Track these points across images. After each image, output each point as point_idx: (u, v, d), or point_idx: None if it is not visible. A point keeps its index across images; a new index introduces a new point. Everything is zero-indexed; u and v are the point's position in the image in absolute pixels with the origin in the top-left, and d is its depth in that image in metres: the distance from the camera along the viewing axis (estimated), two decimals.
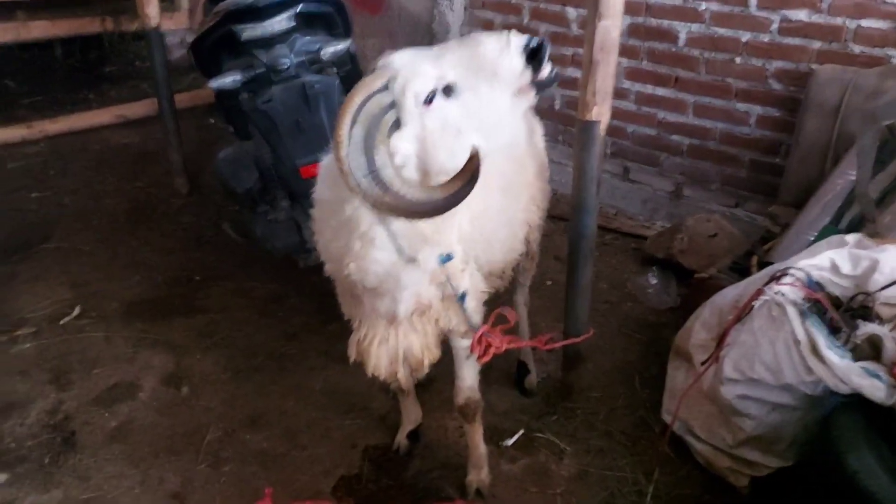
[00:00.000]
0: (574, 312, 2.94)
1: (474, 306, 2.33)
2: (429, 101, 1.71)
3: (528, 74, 1.77)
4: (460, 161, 1.71)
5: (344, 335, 2.35)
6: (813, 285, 2.28)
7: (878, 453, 1.96)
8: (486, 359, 2.24)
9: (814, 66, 3.92)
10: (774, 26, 4.03)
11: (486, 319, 2.32)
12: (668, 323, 3.60)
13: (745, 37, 4.14)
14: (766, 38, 4.07)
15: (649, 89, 4.62)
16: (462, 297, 2.21)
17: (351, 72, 3.64)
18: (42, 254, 4.15)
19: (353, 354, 2.34)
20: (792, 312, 2.21)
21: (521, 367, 3.20)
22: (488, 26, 5.28)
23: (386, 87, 1.69)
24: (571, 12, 4.83)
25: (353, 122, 1.65)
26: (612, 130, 4.71)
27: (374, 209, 1.72)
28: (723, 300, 2.78)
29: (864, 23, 3.73)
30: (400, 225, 1.86)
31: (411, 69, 1.69)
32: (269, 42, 3.23)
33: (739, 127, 4.29)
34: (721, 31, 4.23)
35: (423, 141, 1.74)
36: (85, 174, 5.17)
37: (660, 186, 4.76)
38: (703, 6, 4.26)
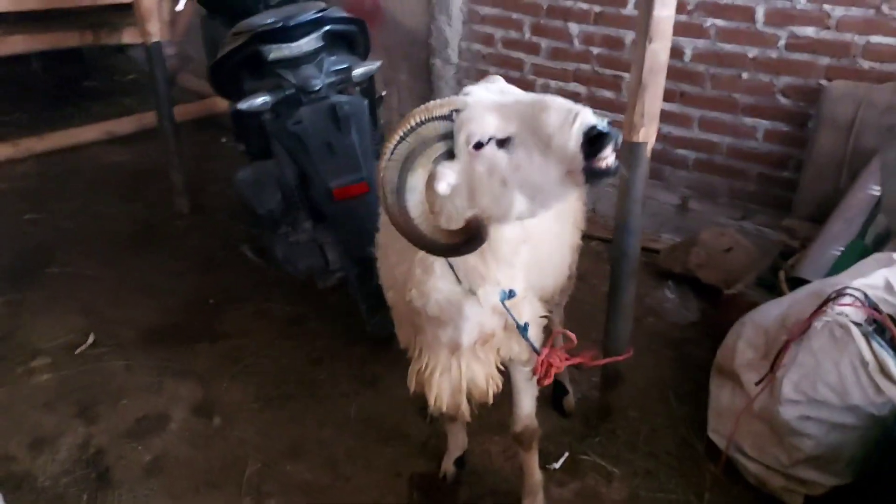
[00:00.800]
0: (616, 331, 2.94)
1: (535, 333, 2.31)
2: (480, 145, 1.67)
3: (579, 160, 1.58)
4: (504, 211, 1.72)
5: (370, 359, 2.33)
6: (873, 305, 2.31)
7: None
8: (549, 381, 2.23)
9: (823, 81, 4.00)
10: (782, 42, 4.09)
11: (543, 342, 2.32)
12: (692, 339, 3.62)
13: (752, 52, 4.20)
14: (773, 53, 4.14)
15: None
16: (525, 328, 2.19)
17: (368, 89, 3.61)
18: (47, 279, 4.03)
19: (412, 385, 2.31)
20: (857, 333, 2.24)
21: (557, 388, 3.19)
22: (488, 41, 5.28)
23: (449, 118, 1.68)
24: (574, 28, 4.85)
25: (403, 137, 1.65)
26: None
27: (398, 229, 1.73)
28: (765, 318, 2.80)
29: (874, 39, 3.82)
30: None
31: (478, 112, 1.66)
32: (296, 62, 3.18)
33: (747, 141, 4.35)
34: (727, 46, 4.29)
35: (469, 179, 1.72)
36: (80, 195, 5.03)
37: (666, 200, 4.80)
38: (709, 22, 4.31)
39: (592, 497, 2.74)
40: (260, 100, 3.10)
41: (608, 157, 1.57)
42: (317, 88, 3.13)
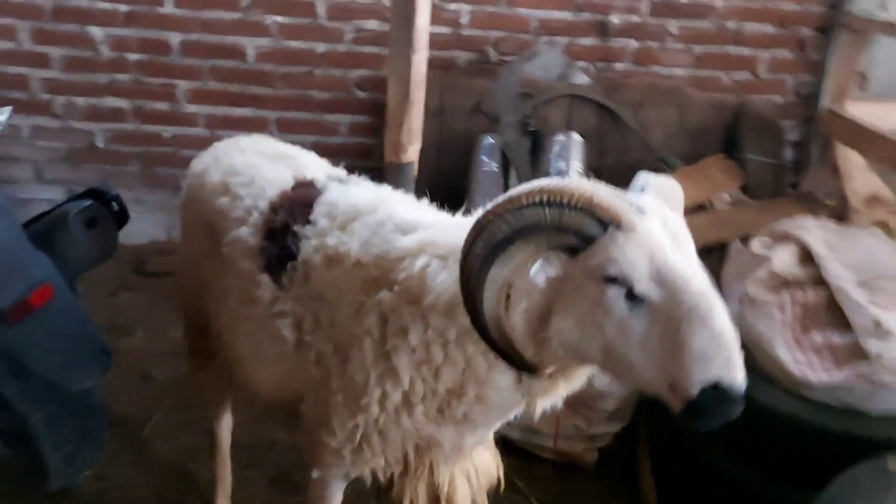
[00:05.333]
0: None
1: None
2: (610, 280, 1.31)
3: (689, 395, 1.25)
4: (576, 349, 1.39)
5: None
6: None
7: None
8: None
9: None
10: (349, 36, 4.14)
11: None
12: None
13: (321, 48, 4.16)
14: (342, 48, 4.16)
15: (222, 111, 4.25)
16: None
17: None
18: None
19: None
20: None
21: None
22: None
23: (604, 225, 1.30)
24: (97, 32, 4.04)
25: (545, 204, 1.28)
26: (186, 161, 4.20)
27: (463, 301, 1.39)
28: None
29: (433, 29, 4.14)
30: None
31: (639, 248, 1.28)
32: None
33: (332, 138, 4.32)
34: (294, 43, 4.14)
35: (565, 295, 1.37)
36: None
37: None
38: (270, 20, 4.08)
39: None
40: None
41: (708, 421, 1.28)
42: None
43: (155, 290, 3.96)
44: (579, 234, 1.31)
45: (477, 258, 1.33)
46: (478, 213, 1.40)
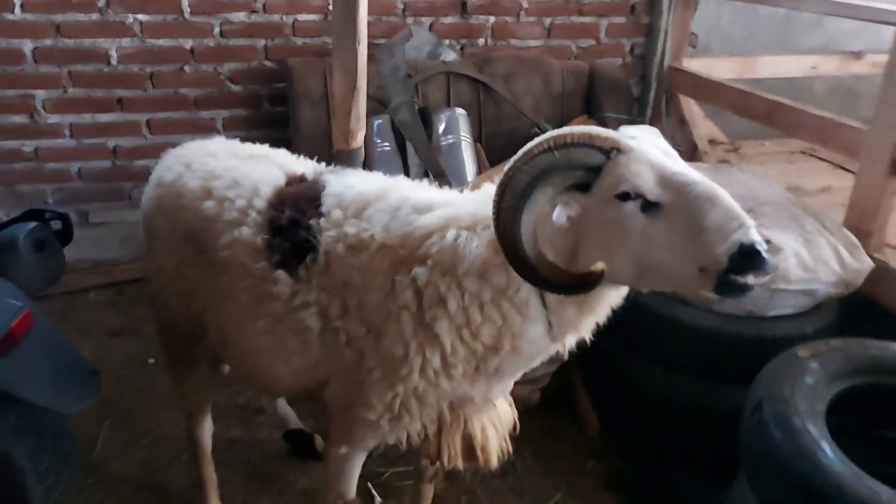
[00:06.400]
0: None
1: None
2: (625, 197, 1.50)
3: (721, 266, 1.43)
4: (609, 268, 1.54)
5: None
6: None
7: None
8: None
9: (266, 62, 4.22)
10: (217, 30, 4.09)
11: None
12: None
13: (189, 44, 4.08)
14: (211, 42, 4.11)
15: (88, 118, 4.05)
16: None
17: None
18: None
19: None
20: None
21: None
22: None
23: (608, 153, 1.52)
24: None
25: (552, 149, 1.49)
26: (52, 175, 4.04)
27: (507, 257, 1.57)
28: None
29: (300, 17, 4.20)
30: (554, 299, 1.71)
31: (640, 162, 1.51)
32: None
33: (209, 134, 4.21)
34: (160, 42, 4.03)
35: (590, 224, 1.57)
36: None
37: (135, 219, 4.29)
38: (131, 18, 3.94)
39: None
40: None
41: (752, 279, 1.45)
42: None
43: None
44: (587, 166, 1.52)
45: (508, 210, 1.51)
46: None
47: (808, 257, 2.76)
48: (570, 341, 1.83)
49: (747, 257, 1.42)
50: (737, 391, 2.46)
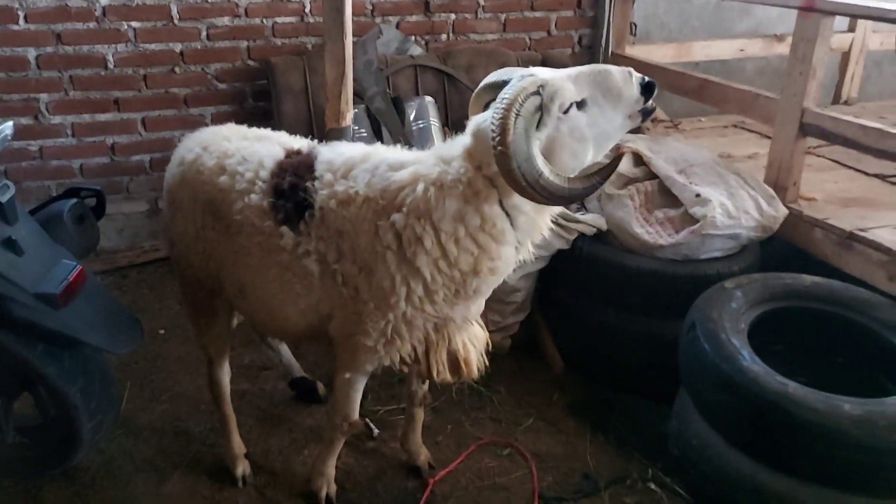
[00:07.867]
0: None
1: None
2: (566, 110, 2.02)
3: (641, 102, 2.08)
4: (580, 162, 2.08)
5: None
6: None
7: None
8: None
9: (250, 62, 4.62)
10: (203, 34, 4.48)
11: None
12: None
13: (179, 47, 4.46)
14: (198, 45, 4.50)
15: (88, 118, 4.42)
16: None
17: None
18: None
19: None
20: None
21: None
22: None
23: (538, 93, 1.96)
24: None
25: (519, 114, 1.91)
26: (56, 172, 4.39)
27: (525, 192, 1.98)
28: None
29: (279, 20, 4.61)
30: (523, 219, 2.17)
31: (561, 83, 2.00)
32: None
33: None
34: (152, 46, 4.41)
35: (553, 142, 2.04)
36: None
37: (133, 210, 4.68)
38: (125, 26, 4.32)
39: None
40: None
41: (652, 98, 2.09)
42: None
43: None
44: (537, 109, 1.97)
45: (520, 142, 1.91)
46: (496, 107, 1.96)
47: (732, 207, 3.24)
48: (530, 247, 2.28)
49: (647, 86, 2.07)
50: (677, 324, 2.92)
